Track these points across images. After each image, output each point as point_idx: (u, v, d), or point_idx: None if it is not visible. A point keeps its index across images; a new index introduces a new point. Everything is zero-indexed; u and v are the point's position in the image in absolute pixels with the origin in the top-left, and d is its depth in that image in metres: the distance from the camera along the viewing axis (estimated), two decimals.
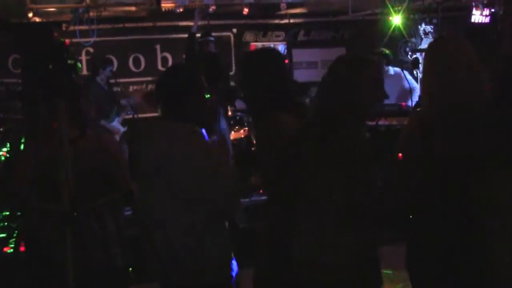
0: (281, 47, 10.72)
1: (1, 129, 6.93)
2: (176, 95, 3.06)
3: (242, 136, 8.82)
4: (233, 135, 8.62)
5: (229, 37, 10.47)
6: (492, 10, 9.06)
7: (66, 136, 2.81)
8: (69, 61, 2.81)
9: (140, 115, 8.09)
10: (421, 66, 10.47)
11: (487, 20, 9.17)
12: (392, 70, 8.13)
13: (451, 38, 2.97)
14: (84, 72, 9.25)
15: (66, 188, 2.76)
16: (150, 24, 9.69)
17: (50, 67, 2.79)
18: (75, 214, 2.72)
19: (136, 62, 9.88)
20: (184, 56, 8.39)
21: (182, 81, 3.09)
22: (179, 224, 2.96)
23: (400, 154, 2.86)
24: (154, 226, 3.03)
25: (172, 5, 8.71)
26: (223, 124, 7.26)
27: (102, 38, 9.02)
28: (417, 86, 9.87)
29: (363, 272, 2.69)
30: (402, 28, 9.53)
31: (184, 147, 2.94)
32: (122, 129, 7.69)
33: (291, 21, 10.61)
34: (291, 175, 2.79)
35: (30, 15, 7.81)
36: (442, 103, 2.69)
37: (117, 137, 7.56)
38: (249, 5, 9.05)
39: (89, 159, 3.17)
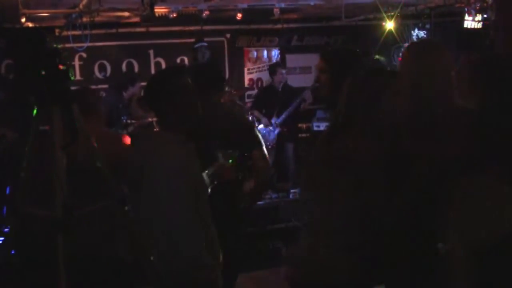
0: (274, 52, 10.74)
1: None
2: (160, 102, 3.05)
3: None
4: None
5: (222, 42, 10.48)
6: (485, 15, 9.09)
7: (59, 142, 2.80)
8: (61, 67, 2.80)
9: (134, 121, 8.13)
10: None
11: (479, 25, 9.20)
12: None
13: (419, 44, 2.98)
14: (78, 77, 9.26)
15: (59, 194, 2.75)
16: (143, 29, 9.70)
17: (43, 72, 2.79)
18: (67, 221, 2.71)
19: (130, 67, 9.87)
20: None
21: (167, 88, 3.06)
22: (163, 230, 2.96)
23: None
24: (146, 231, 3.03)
25: (166, 10, 8.69)
26: None
27: (95, 44, 9.02)
28: None
29: (356, 274, 2.68)
30: (395, 34, 9.56)
31: (161, 158, 2.94)
32: None
33: (285, 26, 10.63)
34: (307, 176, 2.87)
35: (23, 20, 7.78)
36: (407, 107, 2.72)
37: None
38: (243, 10, 9.04)
39: (83, 164, 3.16)
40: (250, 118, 8.42)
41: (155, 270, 3.03)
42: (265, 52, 10.76)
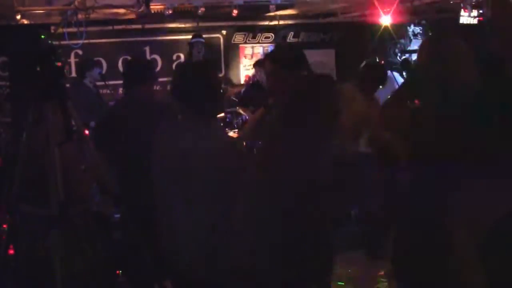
0: (270, 49, 10.73)
1: None
2: (201, 92, 3.06)
3: None
4: None
5: (218, 39, 10.47)
6: (480, 11, 9.09)
7: (54, 139, 2.80)
8: (56, 64, 2.80)
9: None
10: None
11: (475, 21, 9.20)
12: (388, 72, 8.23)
13: (440, 37, 2.99)
14: (73, 74, 9.23)
15: (54, 191, 2.75)
16: (139, 26, 9.67)
17: (38, 69, 2.78)
18: (62, 217, 2.71)
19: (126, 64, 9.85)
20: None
21: (209, 79, 3.11)
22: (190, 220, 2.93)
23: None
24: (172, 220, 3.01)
25: (161, 7, 8.68)
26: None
27: (91, 40, 8.98)
28: None
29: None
30: (391, 30, 9.56)
31: (198, 144, 2.93)
32: None
33: (281, 22, 10.61)
34: None
35: (18, 17, 7.75)
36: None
37: None
38: (238, 7, 9.03)
39: (76, 162, 3.16)
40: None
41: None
42: (261, 49, 10.74)
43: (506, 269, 1.76)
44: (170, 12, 8.74)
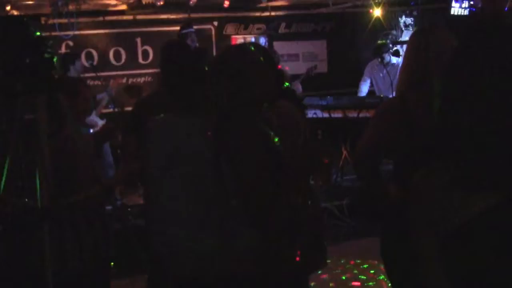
0: (262, 40, 10.72)
1: None
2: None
3: None
4: None
5: (210, 30, 10.44)
6: (471, 2, 9.11)
7: (45, 130, 2.79)
8: (46, 55, 2.78)
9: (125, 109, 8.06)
10: (401, 58, 10.59)
11: (466, 12, 9.22)
12: (395, 59, 8.23)
13: (429, 28, 2.99)
14: None
15: (43, 183, 2.74)
16: (131, 17, 9.63)
17: (27, 60, 2.77)
18: (52, 210, 2.70)
19: (117, 56, 9.82)
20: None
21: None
22: (193, 219, 2.85)
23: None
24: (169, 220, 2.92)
25: None
26: None
27: (82, 32, 8.95)
28: None
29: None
30: (382, 21, 9.57)
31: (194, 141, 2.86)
32: (100, 122, 7.58)
33: (272, 13, 10.60)
34: None
35: (8, 8, 7.72)
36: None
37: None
38: None
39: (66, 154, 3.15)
40: None
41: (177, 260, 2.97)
42: (253, 40, 10.72)
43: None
44: (162, 3, 8.70)
